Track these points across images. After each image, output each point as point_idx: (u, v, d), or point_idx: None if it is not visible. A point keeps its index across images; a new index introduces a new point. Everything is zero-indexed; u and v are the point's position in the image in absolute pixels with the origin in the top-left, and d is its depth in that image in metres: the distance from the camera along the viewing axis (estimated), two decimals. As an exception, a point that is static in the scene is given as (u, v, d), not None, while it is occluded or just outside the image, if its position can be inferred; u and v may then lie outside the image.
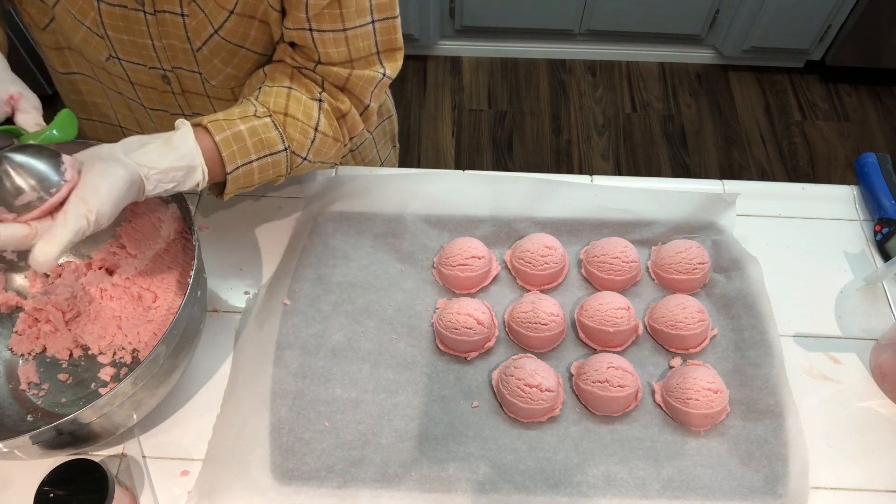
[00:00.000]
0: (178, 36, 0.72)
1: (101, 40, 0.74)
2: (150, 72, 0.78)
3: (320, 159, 0.77)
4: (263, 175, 0.72)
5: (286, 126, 0.72)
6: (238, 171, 0.69)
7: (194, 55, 0.74)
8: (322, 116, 0.75)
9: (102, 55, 0.77)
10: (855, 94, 2.30)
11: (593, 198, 0.86)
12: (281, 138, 0.72)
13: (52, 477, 0.59)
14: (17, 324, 0.75)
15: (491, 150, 2.15)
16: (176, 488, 0.67)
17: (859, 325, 0.79)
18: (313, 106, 0.74)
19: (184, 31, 0.72)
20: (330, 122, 0.76)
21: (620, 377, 0.69)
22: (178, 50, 0.74)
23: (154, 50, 0.74)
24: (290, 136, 0.72)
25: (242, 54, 0.75)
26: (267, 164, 0.71)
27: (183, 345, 0.65)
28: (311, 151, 0.75)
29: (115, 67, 0.78)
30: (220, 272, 0.81)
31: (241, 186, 0.71)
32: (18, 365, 0.73)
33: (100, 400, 0.57)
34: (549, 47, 2.35)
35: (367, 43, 0.73)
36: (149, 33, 0.73)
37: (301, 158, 0.75)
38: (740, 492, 0.66)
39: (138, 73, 0.78)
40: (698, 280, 0.79)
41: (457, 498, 0.65)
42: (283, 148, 0.72)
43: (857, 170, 0.90)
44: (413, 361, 0.74)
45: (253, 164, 0.70)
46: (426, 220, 0.84)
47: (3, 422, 0.68)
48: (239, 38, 0.73)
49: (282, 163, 0.73)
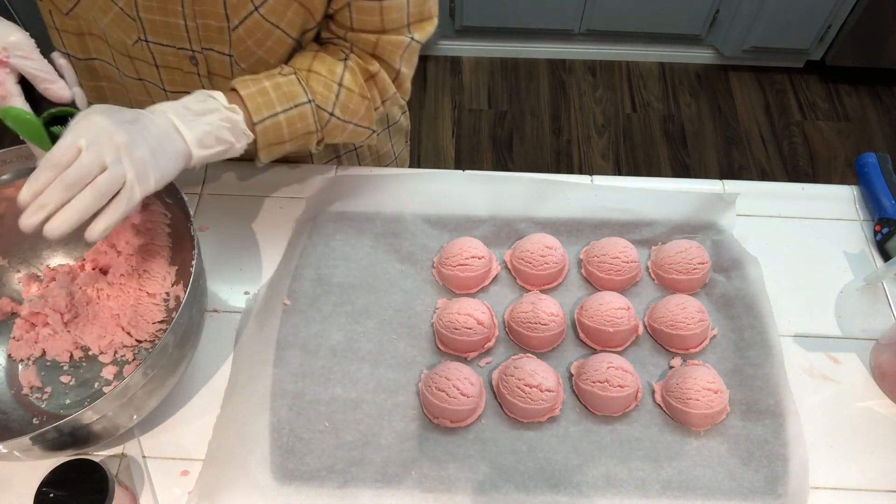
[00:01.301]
0: (216, 14, 0.72)
1: (132, 22, 0.73)
2: (179, 53, 0.77)
3: (349, 118, 0.78)
4: (292, 129, 0.74)
5: (309, 80, 0.75)
6: (265, 122, 0.71)
7: (229, 35, 0.74)
8: (347, 73, 0.76)
9: (131, 38, 0.76)
10: (855, 94, 2.30)
11: (593, 198, 0.86)
12: (304, 91, 0.74)
13: (52, 477, 0.59)
14: (13, 329, 0.74)
15: (491, 150, 2.15)
16: (176, 488, 0.67)
17: (859, 325, 0.79)
18: (339, 64, 0.76)
19: (223, 7, 0.71)
20: (355, 78, 0.77)
21: (620, 377, 0.69)
22: (212, 29, 0.74)
23: (186, 30, 0.74)
24: (313, 90, 0.75)
25: (277, 36, 0.75)
26: (293, 116, 0.73)
27: (188, 336, 0.65)
28: (338, 106, 0.76)
29: (141, 51, 0.77)
30: (220, 272, 0.81)
31: (272, 142, 0.73)
32: (19, 370, 0.73)
33: (111, 392, 0.57)
34: (549, 47, 2.35)
35: (401, 14, 0.74)
36: (183, 13, 0.72)
37: (328, 113, 0.76)
38: (740, 492, 0.66)
39: (165, 55, 0.78)
40: (698, 280, 0.79)
41: (457, 498, 0.65)
42: (307, 100, 0.74)
43: (857, 170, 0.90)
44: (413, 361, 0.74)
45: (279, 116, 0.72)
46: (426, 220, 0.84)
47: (9, 426, 0.68)
48: (277, 17, 0.73)
49: (308, 116, 0.75)
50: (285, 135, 0.74)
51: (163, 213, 0.74)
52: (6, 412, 0.69)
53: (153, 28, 0.74)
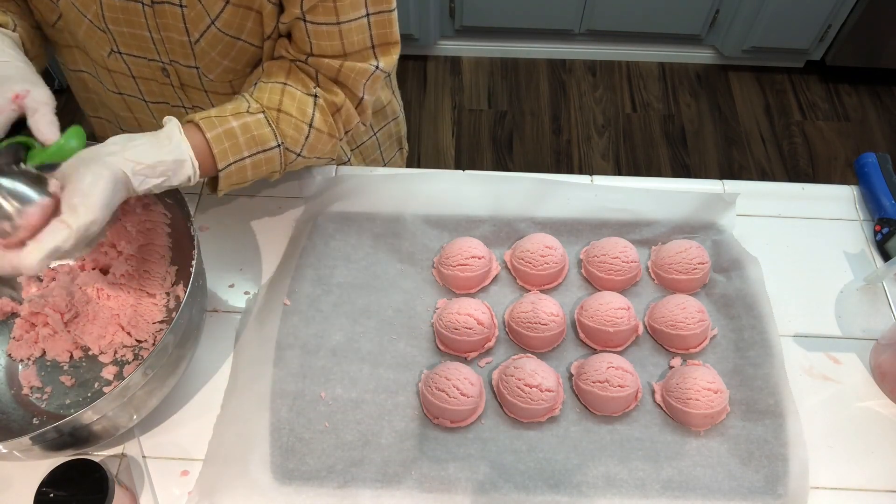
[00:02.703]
0: (177, 28, 0.72)
1: (103, 34, 0.75)
2: (151, 64, 0.78)
3: (315, 155, 0.77)
4: (257, 172, 0.73)
5: (279, 122, 0.72)
6: (230, 167, 0.69)
7: (192, 48, 0.74)
8: (317, 112, 0.75)
9: (104, 50, 0.77)
10: (855, 94, 2.30)
11: (593, 198, 0.86)
12: (274, 135, 0.72)
13: (52, 477, 0.59)
14: (14, 329, 0.74)
15: (491, 150, 2.15)
16: (176, 488, 0.67)
17: (859, 325, 0.79)
18: (308, 102, 0.74)
19: (182, 22, 0.72)
20: (325, 118, 0.75)
21: (620, 377, 0.69)
22: (175, 43, 0.74)
23: (153, 42, 0.75)
24: (283, 133, 0.72)
25: (240, 46, 0.75)
26: (260, 160, 0.72)
27: (188, 336, 0.65)
28: (306, 148, 0.75)
29: (117, 63, 0.78)
30: (220, 272, 0.81)
31: (234, 183, 0.72)
32: (18, 370, 0.73)
33: (111, 392, 0.57)
34: (549, 47, 2.35)
35: (362, 37, 0.73)
36: (147, 25, 0.73)
37: (295, 154, 0.75)
38: (740, 492, 0.66)
39: (139, 66, 0.79)
40: (698, 280, 0.79)
41: (457, 497, 0.65)
42: (277, 144, 0.72)
43: (857, 170, 0.90)
44: (413, 362, 0.74)
45: (245, 160, 0.70)
46: (426, 220, 0.84)
47: (9, 426, 0.68)
48: (235, 29, 0.73)
49: (275, 159, 0.73)
50: (248, 176, 0.72)
51: (163, 213, 0.74)
52: (6, 412, 0.69)
53: (123, 40, 0.75)
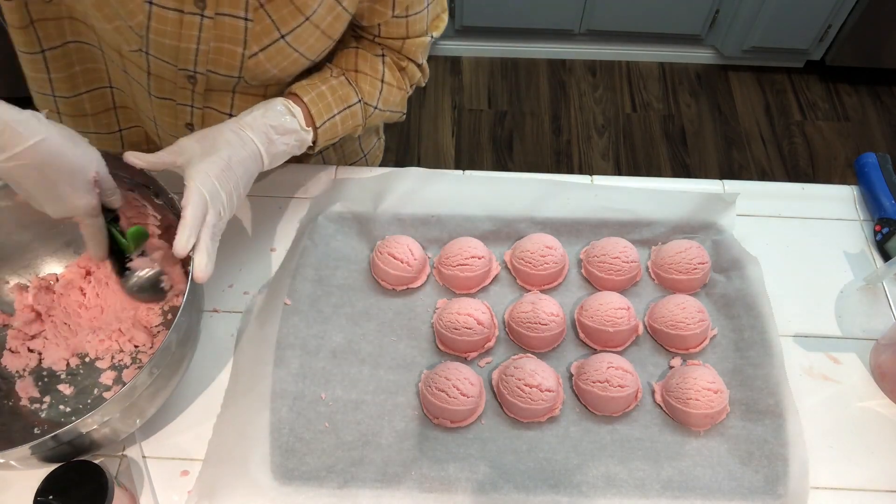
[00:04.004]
0: (234, 40, 0.71)
1: (138, 38, 0.72)
2: (178, 73, 0.76)
3: (388, 108, 0.87)
4: (345, 126, 0.82)
5: (357, 81, 0.82)
6: (325, 124, 0.79)
7: (243, 61, 0.74)
8: (387, 69, 0.85)
9: (131, 46, 0.74)
10: (855, 94, 2.30)
11: (593, 198, 0.86)
12: (354, 92, 0.81)
13: (52, 478, 0.58)
14: (8, 341, 0.73)
15: (491, 150, 2.15)
16: (176, 488, 0.67)
17: (859, 325, 0.79)
18: (378, 61, 0.84)
19: (243, 34, 0.71)
20: (393, 73, 0.85)
21: (620, 377, 0.69)
22: (224, 53, 0.73)
23: (196, 54, 0.73)
24: (361, 89, 0.82)
25: (295, 58, 0.75)
26: (346, 115, 0.81)
27: (189, 335, 0.65)
28: (381, 101, 0.85)
29: (137, 58, 0.76)
30: (219, 272, 0.81)
31: (328, 139, 0.81)
32: (15, 382, 0.72)
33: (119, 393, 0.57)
34: (549, 47, 2.35)
35: (423, 25, 0.83)
36: (198, 38, 0.71)
37: (373, 108, 0.84)
38: (740, 492, 0.66)
39: (161, 68, 0.76)
40: (698, 280, 0.79)
41: (457, 498, 0.65)
42: (357, 100, 0.82)
43: (857, 170, 0.90)
44: (413, 362, 0.74)
45: (336, 117, 0.80)
46: (426, 220, 0.84)
47: (10, 438, 0.67)
48: (300, 42, 0.74)
49: (358, 113, 0.82)
50: (339, 131, 0.82)
51: (153, 214, 0.73)
52: (6, 423, 0.68)
53: (159, 47, 0.73)
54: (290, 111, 0.76)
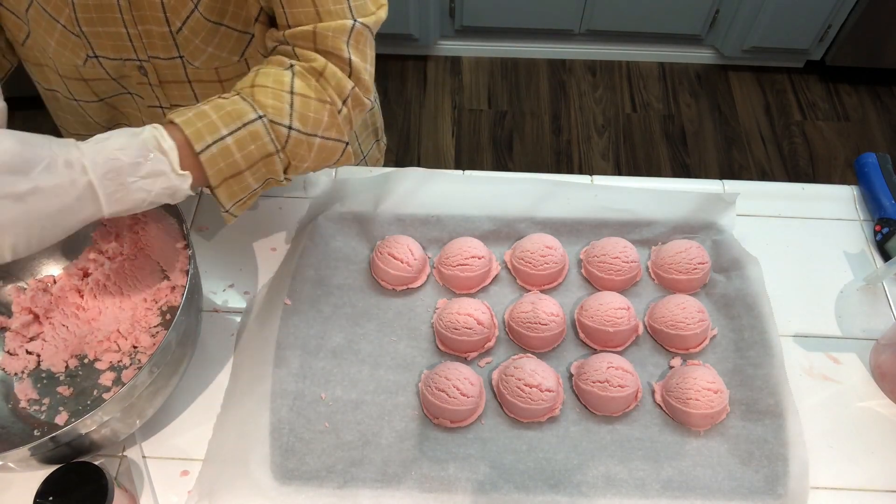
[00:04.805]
0: (156, 19, 0.71)
1: (78, 39, 0.73)
2: (127, 64, 0.77)
3: (312, 129, 0.67)
4: (246, 154, 0.63)
5: (255, 95, 0.64)
6: (211, 149, 0.60)
7: (174, 38, 0.73)
8: (296, 78, 0.67)
9: (80, 57, 0.76)
10: (855, 94, 2.30)
11: (593, 198, 0.86)
12: (251, 107, 0.63)
13: (52, 479, 0.58)
14: (6, 343, 0.73)
15: (491, 150, 2.15)
16: (176, 488, 0.67)
17: (859, 325, 0.79)
18: (284, 73, 0.67)
19: (162, 12, 0.71)
20: (307, 82, 0.67)
21: (620, 377, 0.69)
22: (155, 35, 0.73)
23: (129, 39, 0.73)
24: (261, 103, 0.64)
25: (223, 32, 0.74)
26: (244, 137, 0.62)
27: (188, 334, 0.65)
28: (295, 118, 0.66)
29: (94, 69, 0.77)
30: (220, 272, 0.81)
31: (226, 175, 0.62)
32: (14, 384, 0.71)
33: (119, 393, 0.57)
34: (549, 47, 2.35)
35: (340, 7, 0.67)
36: (122, 20, 0.72)
37: (285, 128, 0.65)
38: (740, 492, 0.66)
39: (116, 68, 0.78)
40: (698, 280, 0.79)
41: (457, 498, 0.65)
42: (257, 116, 0.63)
43: (857, 170, 0.90)
44: (413, 362, 0.74)
45: (226, 139, 0.61)
46: (426, 220, 0.84)
47: (10, 440, 0.67)
48: (217, 14, 0.72)
49: (262, 134, 0.63)
50: (240, 162, 0.63)
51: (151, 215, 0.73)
52: (5, 426, 0.68)
53: (98, 42, 0.74)
54: (163, 152, 0.58)
